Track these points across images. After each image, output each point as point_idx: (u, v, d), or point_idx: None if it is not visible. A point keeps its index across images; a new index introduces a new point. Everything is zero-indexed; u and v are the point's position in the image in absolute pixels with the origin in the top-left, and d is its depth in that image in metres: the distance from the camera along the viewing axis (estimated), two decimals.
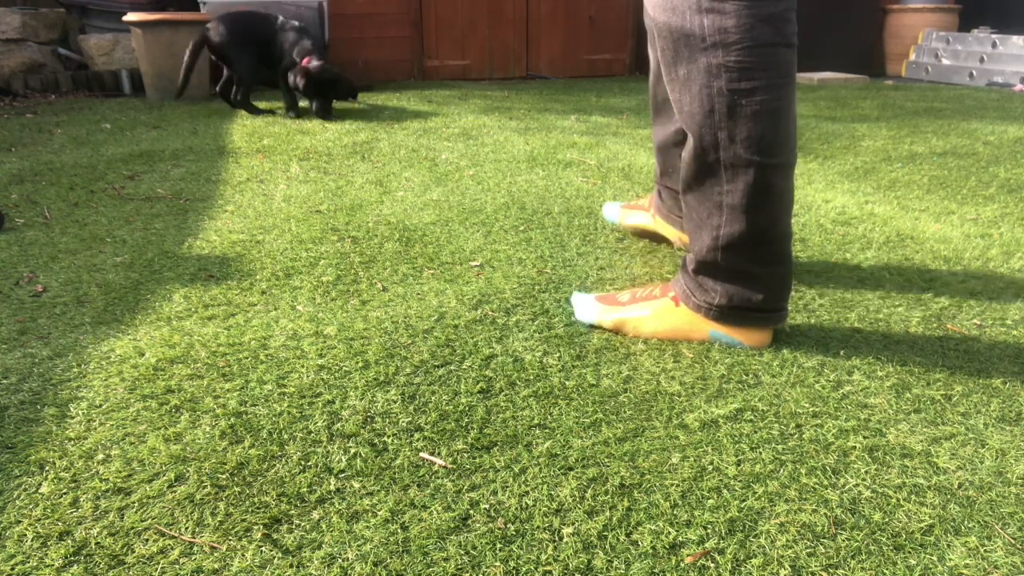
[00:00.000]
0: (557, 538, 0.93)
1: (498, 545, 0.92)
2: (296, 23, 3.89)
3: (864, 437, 1.14)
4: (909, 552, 0.91)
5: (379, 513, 0.97)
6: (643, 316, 1.44)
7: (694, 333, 1.42)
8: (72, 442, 1.12)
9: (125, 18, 4.41)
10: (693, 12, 1.25)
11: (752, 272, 1.35)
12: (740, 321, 1.38)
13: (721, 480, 1.04)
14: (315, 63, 3.72)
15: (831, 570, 0.88)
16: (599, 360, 1.37)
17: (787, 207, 1.34)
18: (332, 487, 1.02)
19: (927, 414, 1.20)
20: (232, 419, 1.18)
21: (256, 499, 1.00)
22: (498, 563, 0.89)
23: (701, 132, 1.31)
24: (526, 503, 0.99)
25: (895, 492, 1.02)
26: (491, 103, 4.52)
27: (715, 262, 1.36)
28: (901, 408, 1.22)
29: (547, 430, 1.15)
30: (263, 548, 0.91)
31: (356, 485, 1.03)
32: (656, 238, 2.00)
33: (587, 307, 1.49)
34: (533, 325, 1.50)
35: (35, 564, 0.89)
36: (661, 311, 1.43)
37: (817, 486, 1.03)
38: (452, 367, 1.34)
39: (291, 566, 0.89)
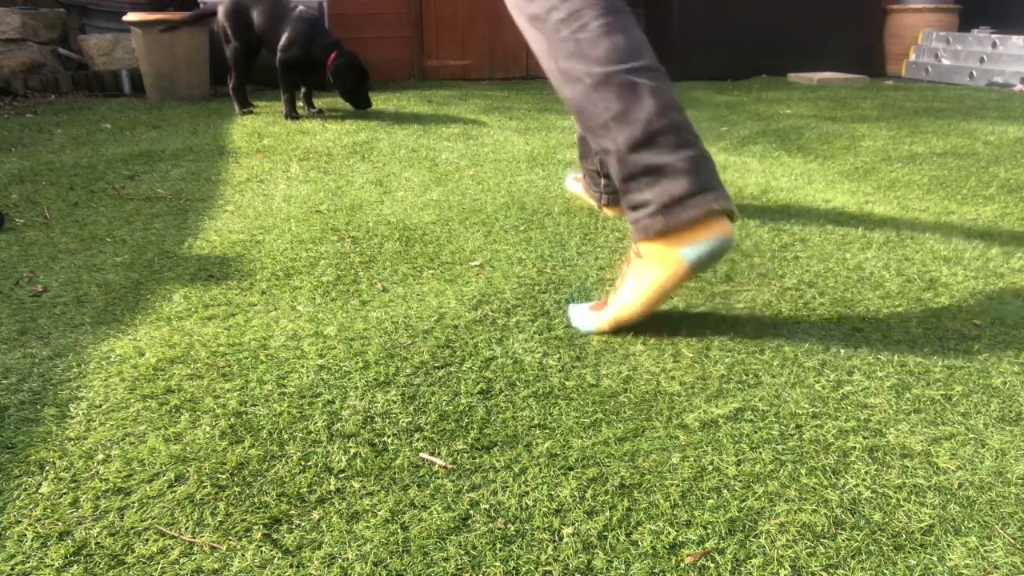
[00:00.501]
0: (557, 538, 0.93)
1: (498, 545, 0.92)
2: (311, 13, 3.78)
3: (864, 437, 1.14)
4: (909, 552, 0.91)
5: (379, 513, 0.97)
6: (627, 298, 1.43)
7: (670, 269, 1.38)
8: (72, 442, 1.12)
9: (125, 18, 4.41)
10: None
11: (664, 163, 1.36)
12: (687, 212, 1.35)
13: (721, 480, 1.04)
14: (348, 53, 3.70)
15: (831, 570, 0.88)
16: (599, 360, 1.37)
17: (668, 101, 1.38)
18: (332, 487, 1.02)
19: (927, 414, 1.20)
20: (232, 419, 1.18)
21: (256, 499, 1.00)
22: (498, 563, 0.89)
23: (559, 70, 1.45)
24: (526, 503, 0.99)
25: (895, 492, 1.02)
26: (491, 103, 4.52)
27: (631, 172, 1.39)
28: (901, 408, 1.22)
29: (547, 430, 1.15)
30: (263, 548, 0.91)
31: (356, 485, 1.03)
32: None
33: (583, 318, 1.50)
34: (533, 325, 1.50)
35: (35, 564, 0.89)
36: (635, 280, 1.42)
37: (817, 486, 1.03)
38: (452, 367, 1.34)
39: (291, 566, 0.89)
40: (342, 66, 3.67)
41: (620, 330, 1.45)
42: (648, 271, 1.40)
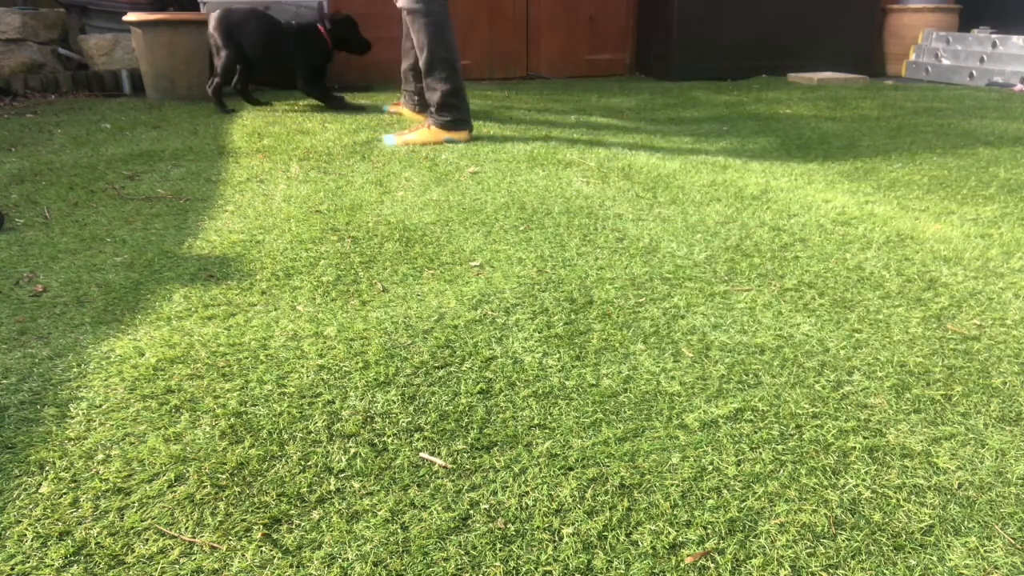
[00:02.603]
0: (557, 538, 0.93)
1: (498, 545, 0.92)
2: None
3: (864, 437, 1.14)
4: (909, 552, 0.91)
5: (379, 513, 0.97)
6: (415, 136, 3.25)
7: (437, 138, 3.26)
8: (72, 442, 1.12)
9: (125, 18, 4.41)
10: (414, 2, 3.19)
11: (455, 103, 3.26)
12: (454, 127, 3.28)
13: (721, 480, 1.04)
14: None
15: (831, 570, 0.88)
16: (599, 360, 1.37)
17: (462, 81, 3.28)
18: (332, 487, 1.02)
19: (927, 414, 1.20)
20: (232, 419, 1.18)
21: (256, 499, 1.00)
22: (498, 563, 0.89)
23: (427, 49, 3.24)
24: (526, 503, 0.99)
25: (895, 492, 1.02)
26: (491, 103, 4.52)
27: (442, 102, 3.24)
28: (901, 408, 1.22)
29: (547, 430, 1.15)
30: (263, 548, 0.91)
31: (356, 485, 1.03)
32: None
33: (391, 139, 3.27)
34: (533, 324, 1.50)
35: (35, 564, 0.89)
36: (422, 132, 3.28)
37: (817, 486, 1.03)
38: (452, 367, 1.34)
39: (291, 566, 0.89)
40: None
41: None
42: (427, 135, 3.27)
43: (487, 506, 0.99)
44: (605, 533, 0.94)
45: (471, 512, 0.98)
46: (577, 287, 1.69)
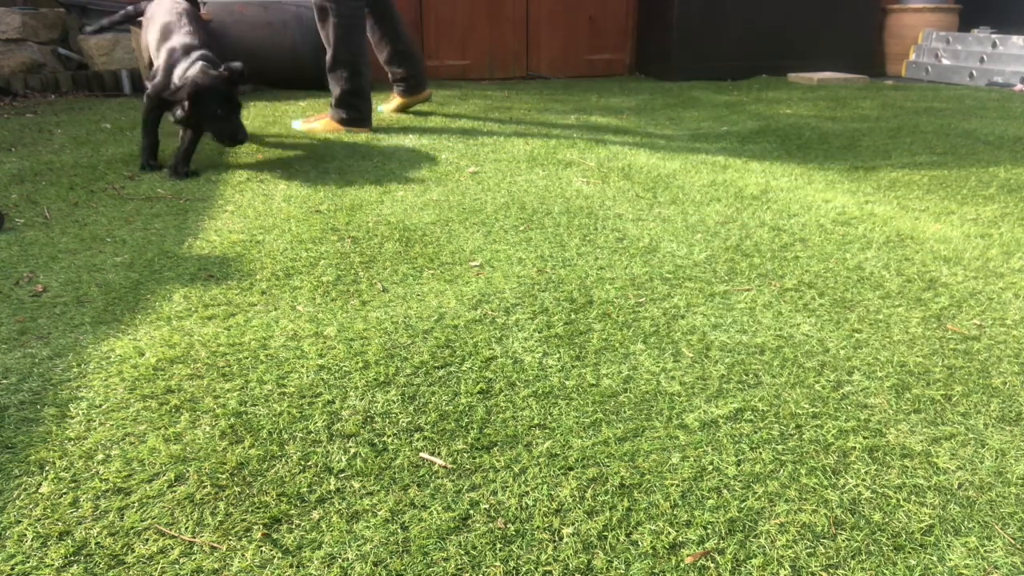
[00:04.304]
0: (557, 538, 0.93)
1: (498, 545, 0.92)
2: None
3: (864, 437, 1.14)
4: (909, 552, 0.91)
5: (379, 513, 0.97)
6: (318, 125, 3.43)
7: (338, 129, 3.39)
8: (72, 442, 1.12)
9: None
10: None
11: (354, 103, 3.37)
12: (352, 124, 3.40)
13: (721, 480, 1.04)
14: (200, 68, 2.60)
15: (831, 570, 0.88)
16: (599, 360, 1.37)
17: (365, 83, 3.37)
18: (332, 487, 1.02)
19: (927, 414, 1.20)
20: (232, 419, 1.18)
21: (256, 499, 1.00)
22: (498, 563, 0.89)
23: (332, 48, 3.30)
24: (526, 503, 0.99)
25: (895, 492, 1.02)
26: (491, 103, 4.51)
27: (340, 99, 3.36)
28: (901, 408, 1.22)
29: (547, 430, 1.15)
30: (263, 548, 0.91)
31: (356, 485, 1.03)
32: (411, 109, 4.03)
33: (297, 124, 3.49)
34: (532, 324, 1.50)
35: (35, 564, 0.89)
36: (324, 121, 3.43)
37: (817, 486, 1.03)
38: (452, 367, 1.34)
39: (291, 566, 0.89)
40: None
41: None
42: (329, 125, 3.42)
43: (487, 506, 0.99)
44: (605, 533, 0.94)
45: (471, 512, 0.98)
46: (577, 287, 1.69)
